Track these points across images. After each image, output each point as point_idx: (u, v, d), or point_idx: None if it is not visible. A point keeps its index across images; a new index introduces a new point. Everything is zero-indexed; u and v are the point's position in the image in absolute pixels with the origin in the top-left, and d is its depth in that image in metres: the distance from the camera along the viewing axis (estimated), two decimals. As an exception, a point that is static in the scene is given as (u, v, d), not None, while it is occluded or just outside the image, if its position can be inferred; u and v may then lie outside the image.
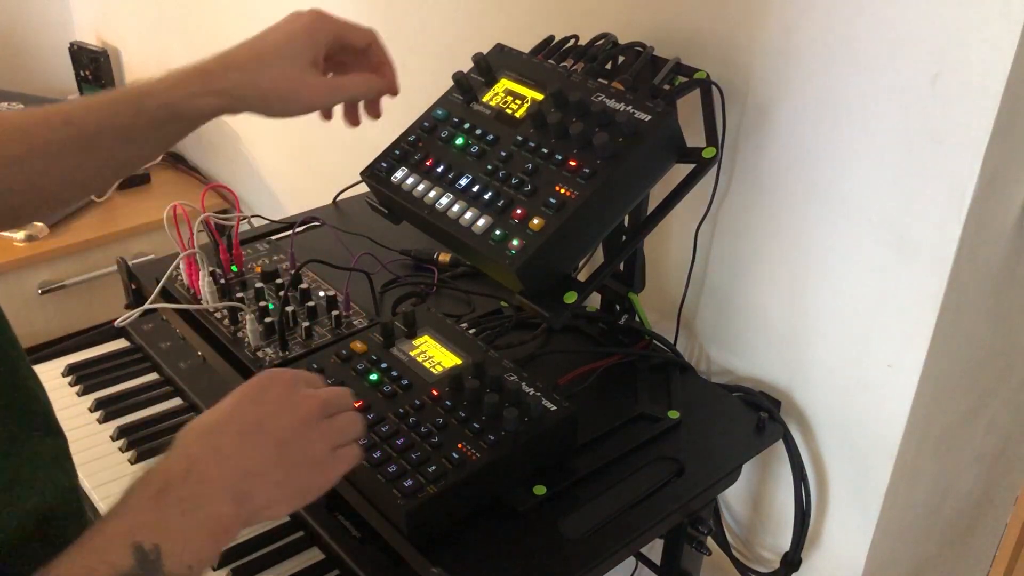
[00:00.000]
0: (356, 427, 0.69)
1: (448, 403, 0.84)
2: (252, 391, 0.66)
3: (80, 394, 1.07)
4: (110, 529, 0.55)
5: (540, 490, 0.83)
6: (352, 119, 0.91)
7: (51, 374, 1.09)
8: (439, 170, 0.92)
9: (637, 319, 1.07)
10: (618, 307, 1.08)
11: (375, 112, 0.90)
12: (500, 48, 1.00)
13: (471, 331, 0.98)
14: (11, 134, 0.76)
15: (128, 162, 0.84)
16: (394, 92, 0.89)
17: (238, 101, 0.81)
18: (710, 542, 1.04)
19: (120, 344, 1.16)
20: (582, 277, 0.89)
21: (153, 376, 1.10)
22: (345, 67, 0.87)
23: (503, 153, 0.89)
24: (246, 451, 0.62)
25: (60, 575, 0.52)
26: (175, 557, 0.55)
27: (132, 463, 0.96)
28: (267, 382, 0.66)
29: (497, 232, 0.84)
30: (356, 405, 0.80)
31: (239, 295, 1.06)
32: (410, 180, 0.93)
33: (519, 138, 0.90)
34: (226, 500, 0.59)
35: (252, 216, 1.32)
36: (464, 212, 0.87)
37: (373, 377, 0.87)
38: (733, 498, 1.13)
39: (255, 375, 0.68)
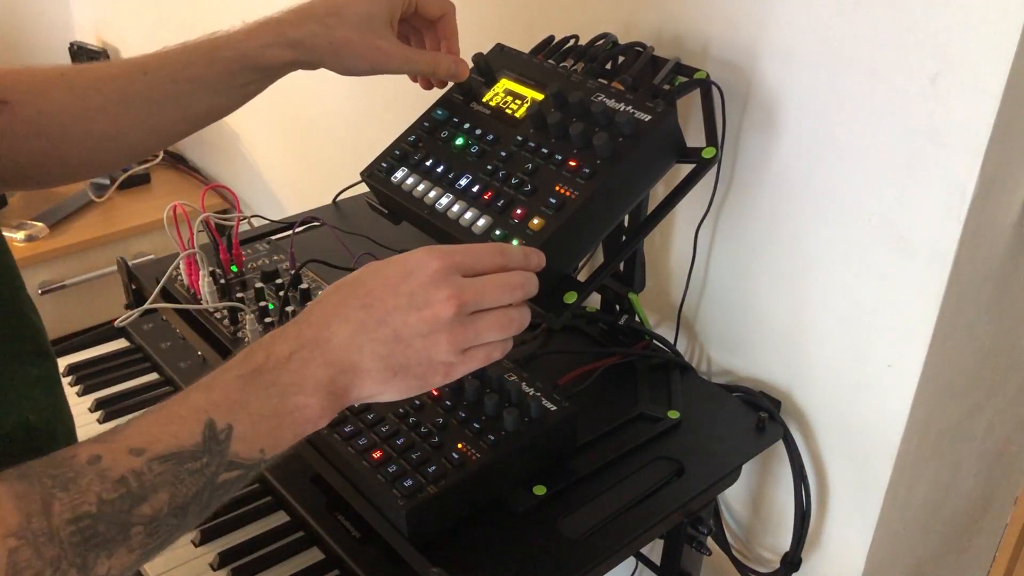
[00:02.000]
0: (500, 329, 0.63)
1: (448, 403, 0.84)
2: (396, 274, 0.62)
3: (80, 394, 1.08)
4: (190, 400, 0.56)
5: (540, 490, 0.83)
6: (424, 83, 0.93)
7: (51, 374, 1.09)
8: (439, 170, 0.92)
9: (637, 319, 1.07)
10: (618, 307, 1.08)
11: (442, 85, 0.92)
12: (500, 48, 1.00)
13: (471, 331, 0.98)
14: (93, 83, 0.78)
15: (205, 114, 0.84)
16: (460, 78, 0.90)
17: (310, 53, 0.81)
18: (710, 542, 1.04)
19: (120, 344, 1.17)
20: (582, 277, 0.89)
21: (153, 376, 1.10)
22: (415, 33, 0.88)
23: (503, 153, 0.89)
24: (359, 344, 0.59)
25: (129, 434, 0.54)
26: (247, 440, 0.55)
27: (132, 463, 0.96)
28: (414, 266, 0.62)
29: (497, 232, 0.84)
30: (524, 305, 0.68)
31: (239, 295, 1.06)
32: (410, 180, 0.93)
33: (519, 138, 0.90)
34: (319, 393, 0.58)
35: (252, 216, 1.32)
36: (464, 212, 0.87)
37: (373, 377, 0.87)
38: (733, 498, 1.13)
39: (414, 251, 0.63)
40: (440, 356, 0.61)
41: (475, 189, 0.88)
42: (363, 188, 1.01)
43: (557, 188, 0.84)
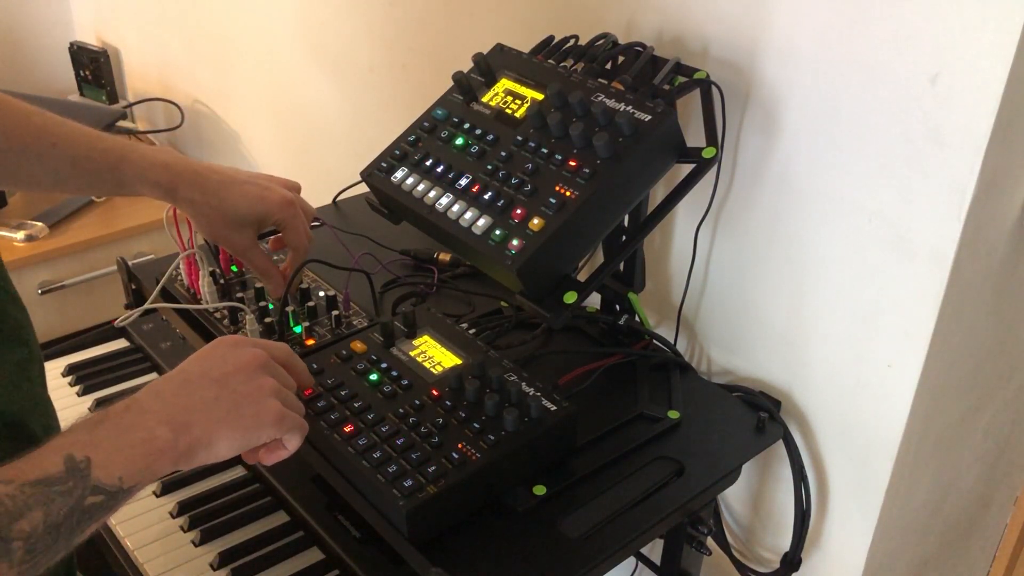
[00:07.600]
0: (293, 382, 0.75)
1: (448, 403, 0.84)
2: (199, 352, 0.71)
3: (80, 394, 1.08)
4: (47, 445, 0.61)
5: (540, 490, 0.83)
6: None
7: (51, 374, 1.09)
8: (439, 170, 0.92)
9: (637, 319, 1.07)
10: (618, 307, 1.08)
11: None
12: (500, 48, 1.00)
13: (471, 331, 0.98)
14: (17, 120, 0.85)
15: (64, 190, 0.94)
16: (272, 295, 1.00)
17: (178, 203, 0.91)
18: (710, 542, 1.04)
19: (120, 344, 1.17)
20: (582, 277, 0.89)
21: (153, 376, 1.10)
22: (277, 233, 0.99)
23: (503, 153, 0.89)
24: (187, 391, 0.67)
25: None
26: (105, 468, 0.60)
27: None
28: (214, 344, 0.72)
29: (497, 232, 0.84)
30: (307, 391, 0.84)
31: (239, 295, 1.06)
32: (410, 180, 0.93)
33: (519, 138, 0.90)
34: (162, 425, 0.64)
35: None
36: (464, 212, 0.87)
37: (373, 377, 0.87)
38: (733, 498, 1.13)
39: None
40: (262, 390, 0.69)
41: (475, 189, 0.88)
42: (363, 188, 1.01)
43: (557, 188, 0.84)
